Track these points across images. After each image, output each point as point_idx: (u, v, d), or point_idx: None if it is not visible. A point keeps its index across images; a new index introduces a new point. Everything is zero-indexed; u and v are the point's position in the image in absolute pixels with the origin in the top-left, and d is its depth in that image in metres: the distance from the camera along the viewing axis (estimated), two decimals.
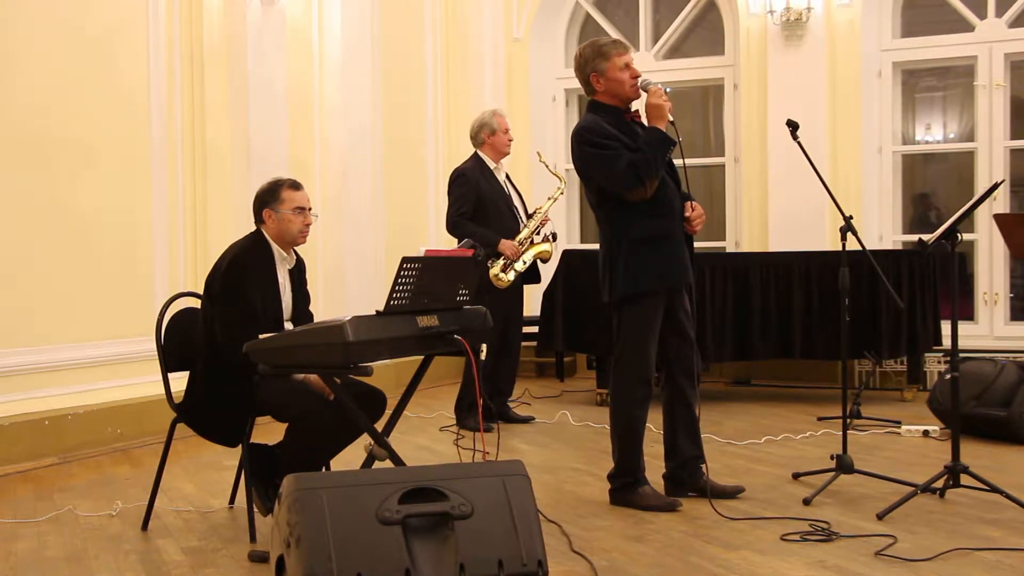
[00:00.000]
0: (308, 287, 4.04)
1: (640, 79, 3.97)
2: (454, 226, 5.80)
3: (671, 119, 3.88)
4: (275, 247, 3.78)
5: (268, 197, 3.77)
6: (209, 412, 3.67)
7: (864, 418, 5.83)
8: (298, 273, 3.92)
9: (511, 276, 5.75)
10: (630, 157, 3.82)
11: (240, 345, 3.40)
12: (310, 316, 3.96)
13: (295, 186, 3.81)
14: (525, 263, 5.82)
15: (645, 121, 4.00)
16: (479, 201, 5.79)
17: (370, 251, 7.42)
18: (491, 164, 5.93)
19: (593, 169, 3.96)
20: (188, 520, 3.90)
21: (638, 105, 4.05)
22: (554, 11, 8.67)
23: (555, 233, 6.08)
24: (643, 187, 3.85)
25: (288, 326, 3.83)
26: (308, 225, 3.80)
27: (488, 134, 5.93)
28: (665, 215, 3.93)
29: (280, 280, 3.79)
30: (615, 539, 3.56)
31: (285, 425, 3.63)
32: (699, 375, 4.13)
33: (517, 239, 5.80)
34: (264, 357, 3.31)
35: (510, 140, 5.97)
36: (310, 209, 3.83)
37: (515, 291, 5.93)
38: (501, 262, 5.73)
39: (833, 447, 4.63)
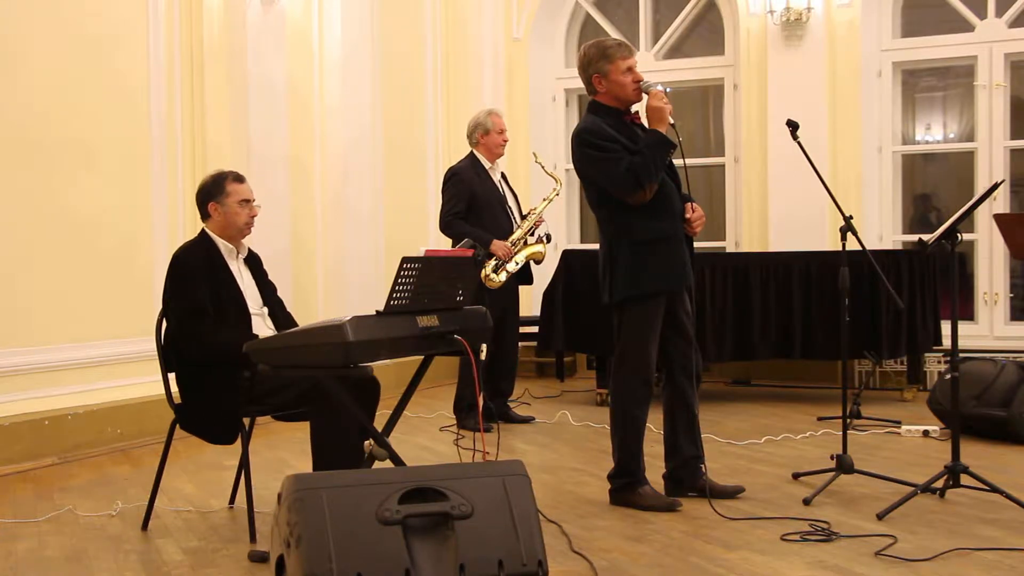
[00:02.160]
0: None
1: (641, 81, 3.97)
2: (447, 225, 5.82)
3: (672, 121, 3.89)
4: (220, 242, 3.81)
5: (213, 190, 3.82)
6: (199, 412, 3.68)
7: (864, 418, 5.83)
8: (253, 263, 3.94)
9: (502, 277, 5.74)
10: (630, 160, 3.82)
11: (191, 340, 3.50)
12: (281, 304, 3.99)
13: (239, 179, 3.86)
14: (517, 264, 5.80)
15: (646, 123, 4.01)
16: (472, 201, 5.79)
17: (370, 251, 7.43)
18: (486, 164, 5.93)
19: (593, 171, 3.96)
20: (188, 520, 3.90)
21: (639, 107, 4.05)
22: (554, 11, 8.67)
23: (549, 235, 6.06)
24: (643, 190, 3.85)
25: (264, 312, 3.87)
26: (253, 216, 3.86)
27: (482, 134, 5.93)
28: (666, 216, 3.93)
29: (235, 271, 3.80)
30: (615, 539, 3.56)
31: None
32: (700, 375, 4.13)
33: (510, 240, 5.79)
34: (264, 357, 3.31)
35: (504, 141, 5.94)
36: (254, 200, 3.87)
37: (509, 291, 5.93)
38: (493, 262, 5.72)
39: (833, 447, 4.63)
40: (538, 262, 6.00)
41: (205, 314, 3.63)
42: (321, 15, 7.00)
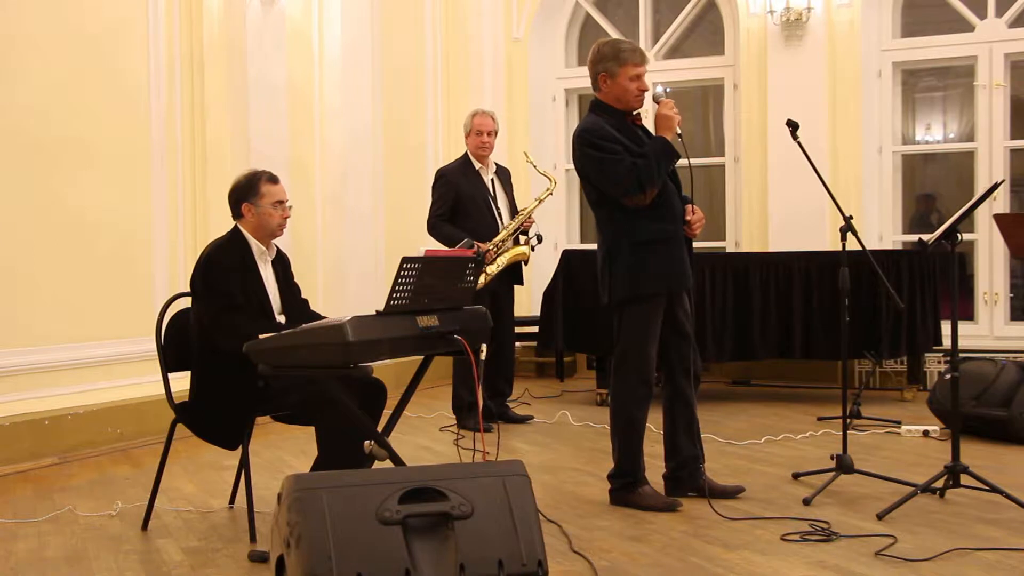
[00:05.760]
0: (303, 283, 4.04)
1: (653, 90, 4.00)
2: (431, 227, 5.86)
3: (679, 132, 3.90)
4: (253, 242, 3.78)
5: (247, 191, 3.79)
6: (208, 414, 3.67)
7: (864, 418, 5.83)
8: (281, 265, 3.92)
9: (480, 279, 5.70)
10: (632, 162, 3.82)
11: (227, 333, 3.45)
12: (305, 305, 3.97)
13: (273, 179, 3.82)
14: (499, 266, 5.79)
15: (648, 125, 4.01)
16: (458, 201, 5.81)
17: (370, 251, 7.43)
18: (476, 164, 5.92)
19: (593, 172, 3.96)
20: (188, 520, 3.90)
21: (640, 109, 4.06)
22: (554, 11, 8.67)
23: (540, 235, 5.98)
24: (643, 194, 3.85)
25: (280, 319, 3.84)
26: (287, 218, 3.84)
27: (466, 135, 5.95)
28: (666, 218, 3.93)
29: (263, 274, 3.79)
30: (615, 539, 3.56)
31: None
32: (699, 375, 4.13)
33: (493, 241, 5.78)
34: (264, 357, 3.31)
35: (483, 143, 5.88)
36: (287, 201, 3.85)
37: (506, 291, 5.92)
38: None
39: (833, 447, 4.63)
40: (525, 263, 5.99)
41: (241, 309, 3.61)
42: (321, 15, 7.00)
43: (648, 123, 4.08)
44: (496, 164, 6.08)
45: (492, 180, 5.98)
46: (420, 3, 8.09)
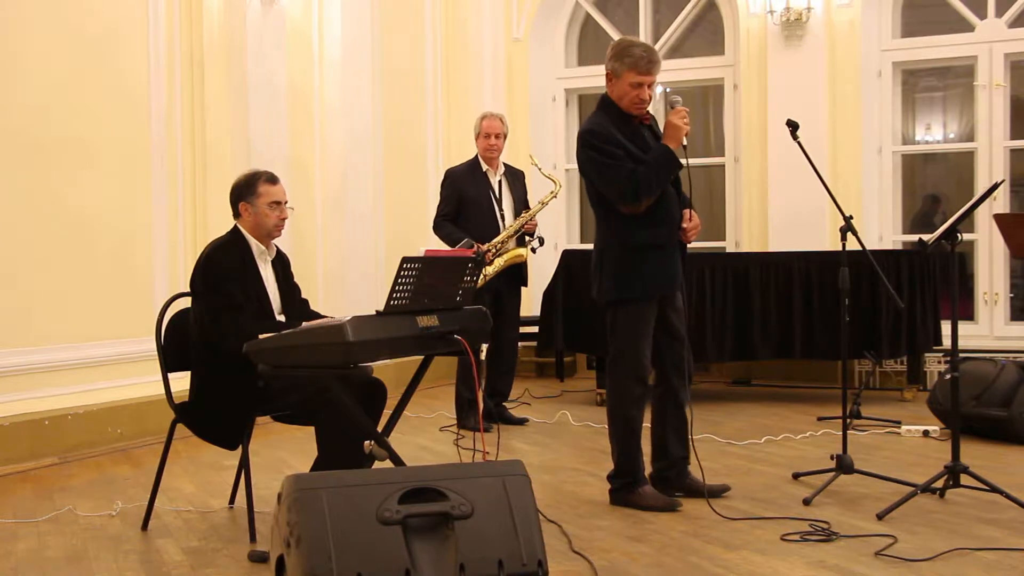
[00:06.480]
0: (303, 283, 4.05)
1: (669, 95, 4.05)
2: (435, 226, 5.92)
3: (685, 143, 3.90)
4: (252, 242, 3.79)
5: (245, 190, 3.80)
6: (208, 414, 3.67)
7: (864, 418, 5.83)
8: (281, 265, 3.92)
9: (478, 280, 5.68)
10: (631, 170, 3.82)
11: (228, 333, 3.45)
12: (304, 305, 3.97)
13: (272, 180, 3.82)
14: (496, 268, 5.79)
15: (658, 119, 4.03)
16: (462, 202, 5.84)
17: (370, 251, 7.43)
18: (484, 166, 5.93)
19: (593, 175, 3.96)
20: (188, 520, 3.90)
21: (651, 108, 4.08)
22: (554, 11, 8.67)
23: (542, 238, 5.96)
24: (638, 203, 3.85)
25: (280, 319, 3.84)
26: (284, 219, 3.84)
27: (475, 137, 5.97)
28: (663, 223, 3.93)
29: (263, 274, 3.79)
30: (615, 539, 3.56)
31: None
32: (691, 375, 4.13)
33: (492, 242, 5.78)
34: (264, 357, 3.31)
35: (490, 145, 5.89)
36: (286, 203, 3.85)
37: (509, 292, 5.92)
38: None
39: (833, 447, 4.63)
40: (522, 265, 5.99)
41: (242, 309, 3.61)
42: (321, 15, 7.00)
43: (658, 118, 4.08)
44: (507, 166, 6.07)
45: (500, 182, 5.98)
46: (420, 3, 8.09)
